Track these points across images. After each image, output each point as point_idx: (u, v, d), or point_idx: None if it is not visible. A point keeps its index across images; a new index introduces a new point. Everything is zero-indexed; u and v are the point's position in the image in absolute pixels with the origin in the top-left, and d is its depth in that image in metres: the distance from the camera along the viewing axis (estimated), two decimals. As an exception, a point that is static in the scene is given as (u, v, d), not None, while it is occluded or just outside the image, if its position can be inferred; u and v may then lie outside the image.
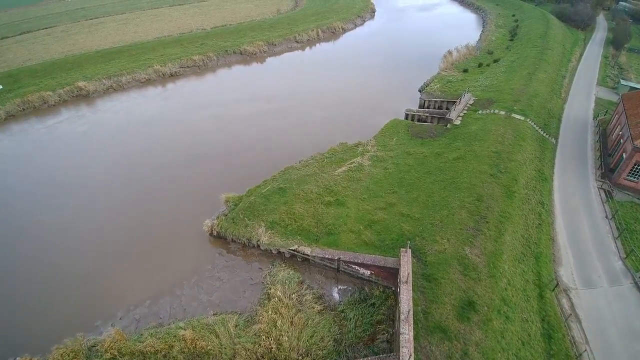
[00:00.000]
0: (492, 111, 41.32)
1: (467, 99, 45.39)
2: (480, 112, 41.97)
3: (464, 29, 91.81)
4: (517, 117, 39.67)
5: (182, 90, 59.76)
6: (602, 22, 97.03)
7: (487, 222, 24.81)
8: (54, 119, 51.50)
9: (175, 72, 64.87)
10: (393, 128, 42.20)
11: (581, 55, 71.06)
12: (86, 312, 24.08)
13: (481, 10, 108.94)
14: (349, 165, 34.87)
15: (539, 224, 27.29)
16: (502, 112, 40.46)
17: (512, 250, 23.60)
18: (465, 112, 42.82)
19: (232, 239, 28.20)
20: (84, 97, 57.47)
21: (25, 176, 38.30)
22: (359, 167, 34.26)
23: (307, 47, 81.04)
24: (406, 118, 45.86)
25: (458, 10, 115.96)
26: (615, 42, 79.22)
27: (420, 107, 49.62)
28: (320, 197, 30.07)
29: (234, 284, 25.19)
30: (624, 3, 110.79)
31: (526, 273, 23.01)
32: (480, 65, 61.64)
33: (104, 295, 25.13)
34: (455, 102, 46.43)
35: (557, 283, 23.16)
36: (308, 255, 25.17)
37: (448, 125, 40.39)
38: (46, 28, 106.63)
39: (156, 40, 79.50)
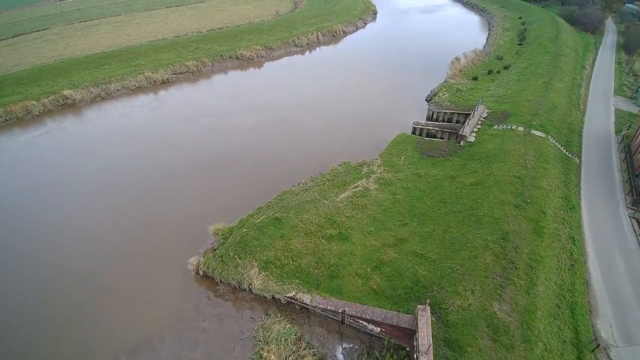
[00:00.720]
0: (509, 126, 37.71)
1: (481, 111, 41.76)
2: (496, 127, 38.31)
3: (469, 31, 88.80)
4: (538, 133, 36.07)
5: (172, 99, 56.10)
6: (610, 25, 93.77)
7: (516, 267, 21.33)
8: (36, 131, 48.06)
9: (168, 78, 61.32)
10: (401, 144, 38.66)
11: (594, 61, 67.57)
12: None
13: (486, 12, 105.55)
14: (353, 190, 31.38)
15: (572, 265, 23.83)
16: (521, 128, 36.80)
17: (546, 303, 20.14)
18: (479, 126, 39.18)
19: (221, 280, 24.77)
20: (69, 107, 53.93)
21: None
22: (364, 192, 30.75)
23: (307, 51, 77.57)
24: (414, 132, 42.35)
25: (461, 12, 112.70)
26: (627, 47, 75.67)
27: (428, 119, 46.04)
28: (321, 230, 26.60)
29: (221, 337, 21.75)
30: (631, 5, 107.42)
31: (563, 331, 19.58)
32: (490, 72, 57.99)
33: (75, 346, 21.78)
34: (466, 114, 42.86)
35: (598, 344, 19.74)
36: (308, 304, 21.75)
37: (461, 143, 36.80)
38: (39, 30, 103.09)
39: (149, 44, 75.92)
